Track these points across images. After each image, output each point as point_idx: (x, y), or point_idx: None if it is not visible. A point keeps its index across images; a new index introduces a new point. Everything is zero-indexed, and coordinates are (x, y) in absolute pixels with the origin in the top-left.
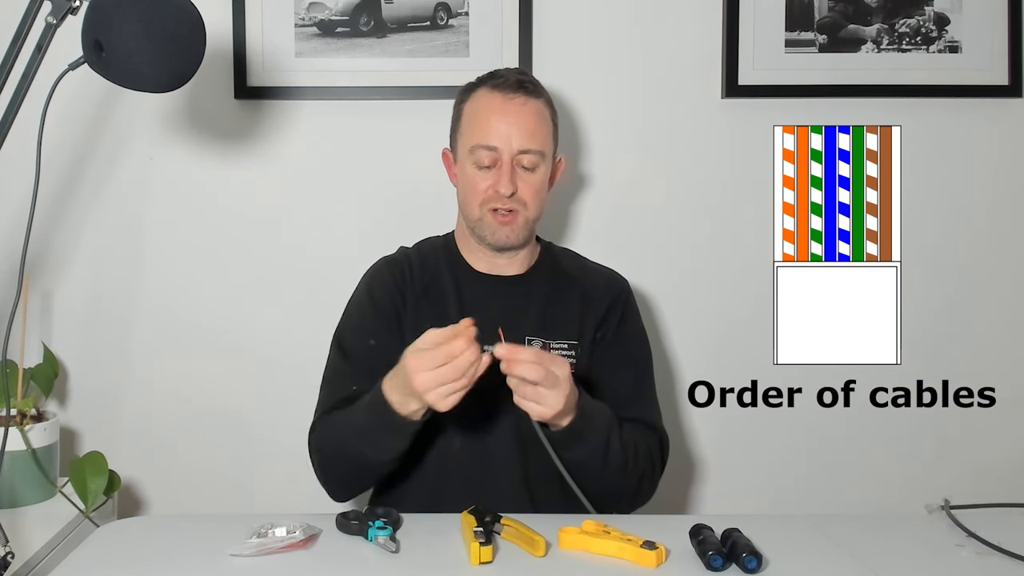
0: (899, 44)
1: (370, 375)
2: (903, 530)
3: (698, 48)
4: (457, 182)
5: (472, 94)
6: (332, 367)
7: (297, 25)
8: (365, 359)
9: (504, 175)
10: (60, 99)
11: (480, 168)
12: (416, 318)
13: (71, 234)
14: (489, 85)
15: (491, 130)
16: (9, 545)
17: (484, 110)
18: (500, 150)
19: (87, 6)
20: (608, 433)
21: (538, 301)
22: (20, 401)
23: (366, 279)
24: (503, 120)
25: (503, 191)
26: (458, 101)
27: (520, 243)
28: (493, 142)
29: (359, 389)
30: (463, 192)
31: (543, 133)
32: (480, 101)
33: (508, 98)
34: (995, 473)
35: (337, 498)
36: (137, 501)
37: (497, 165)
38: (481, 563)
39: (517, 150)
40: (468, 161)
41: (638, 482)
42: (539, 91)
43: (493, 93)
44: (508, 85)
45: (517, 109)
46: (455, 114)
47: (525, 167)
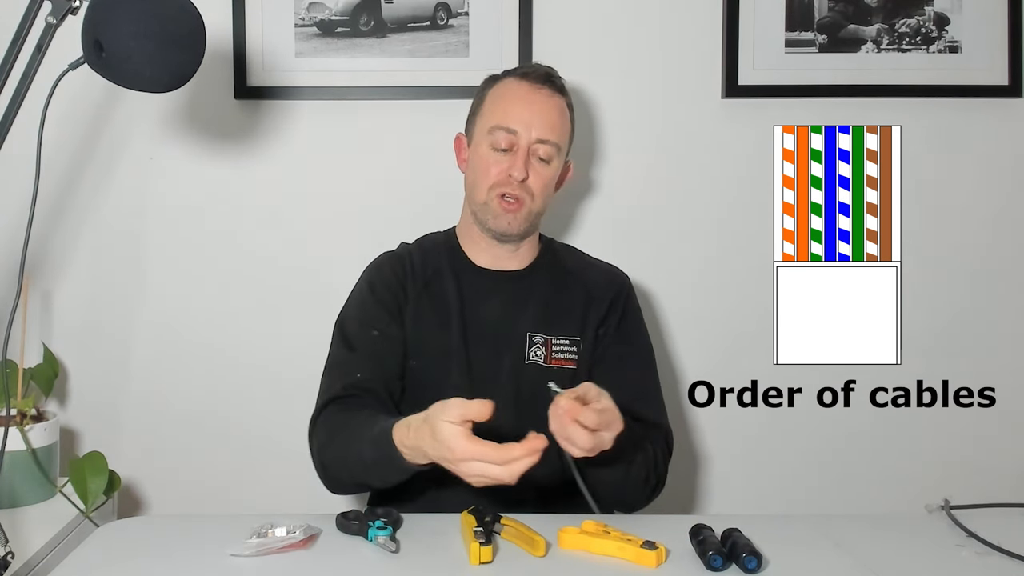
0: (899, 44)
1: (374, 362)
2: (903, 530)
3: (698, 48)
4: (467, 166)
5: (499, 81)
6: (334, 356)
7: (297, 25)
8: (368, 347)
9: (519, 159)
10: (60, 99)
11: (496, 150)
12: (417, 312)
13: (71, 234)
14: (518, 74)
15: (514, 114)
16: (9, 545)
17: (510, 95)
18: (519, 134)
19: (87, 6)
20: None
21: (540, 296)
22: (20, 401)
23: (368, 272)
24: (527, 107)
25: (516, 175)
26: (481, 88)
27: (520, 233)
28: (514, 125)
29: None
30: (473, 174)
31: (562, 128)
32: (507, 87)
33: (535, 88)
34: (995, 473)
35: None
36: (137, 501)
37: (513, 149)
38: (481, 563)
39: (536, 138)
40: (485, 142)
41: (653, 488)
42: (565, 91)
43: (521, 82)
44: (537, 76)
45: (542, 100)
46: (477, 100)
47: (540, 157)
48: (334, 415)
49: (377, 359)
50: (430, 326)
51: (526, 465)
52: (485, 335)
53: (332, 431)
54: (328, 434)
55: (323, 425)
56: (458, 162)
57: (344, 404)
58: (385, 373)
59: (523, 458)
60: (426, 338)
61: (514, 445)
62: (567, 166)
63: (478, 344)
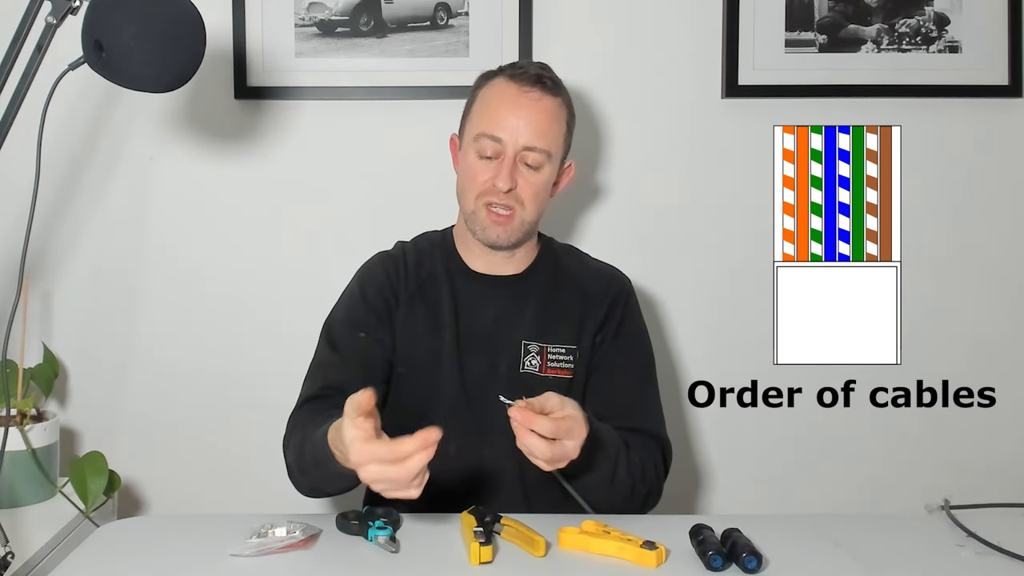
0: (899, 44)
1: (358, 366)
2: (903, 530)
3: (698, 48)
4: (458, 170)
5: (489, 81)
6: (318, 357)
7: (297, 25)
8: (353, 351)
9: (504, 169)
10: (60, 99)
11: (481, 158)
12: (408, 316)
13: (71, 234)
14: (508, 75)
15: (499, 120)
16: (9, 545)
17: (496, 99)
18: (505, 143)
19: (87, 6)
20: (615, 462)
21: (536, 303)
22: (20, 401)
23: (359, 274)
24: (514, 112)
25: (500, 186)
26: (475, 87)
27: (512, 245)
28: (499, 133)
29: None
30: (461, 181)
31: (553, 133)
32: (495, 89)
33: (523, 91)
34: (995, 473)
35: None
36: (137, 501)
37: (500, 158)
38: (481, 563)
39: (523, 146)
40: (471, 149)
41: (644, 500)
42: (558, 89)
43: (509, 83)
44: (526, 78)
45: (530, 104)
46: (469, 99)
47: (529, 165)
48: (302, 416)
49: (361, 362)
50: (422, 332)
51: (421, 462)
52: (479, 342)
53: (293, 431)
54: (290, 433)
55: (290, 426)
56: (453, 163)
57: (317, 405)
58: (368, 377)
59: (415, 453)
60: (418, 344)
61: (405, 439)
62: (568, 167)
63: (471, 351)
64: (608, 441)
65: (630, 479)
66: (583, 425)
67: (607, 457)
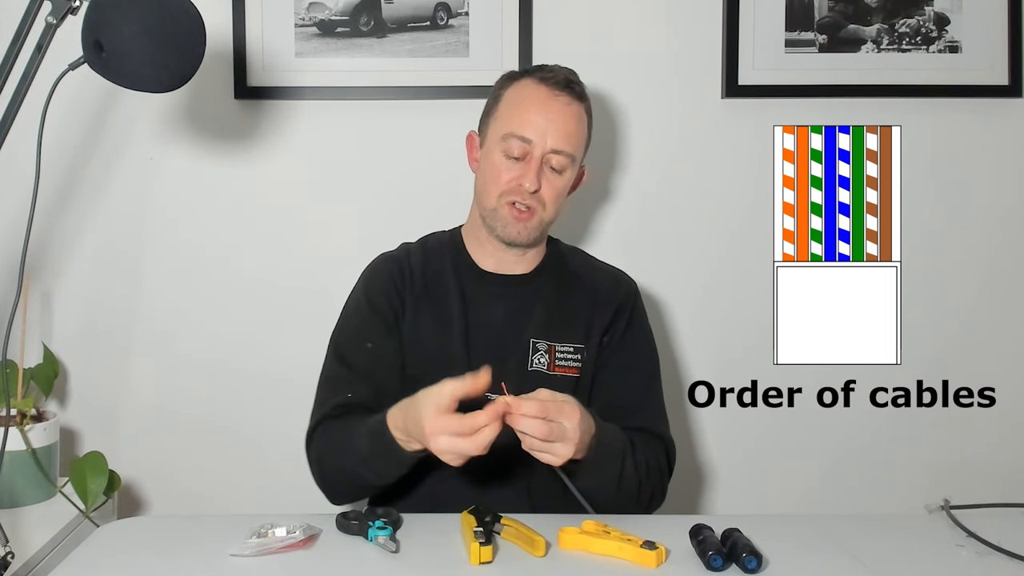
0: (899, 44)
1: (367, 379)
2: (903, 530)
3: (698, 48)
4: (479, 168)
5: (517, 82)
6: (328, 371)
7: (297, 25)
8: (362, 363)
9: (532, 170)
10: (60, 99)
11: (508, 158)
12: (416, 318)
13: (71, 234)
14: (537, 77)
15: (529, 122)
16: (9, 545)
17: (527, 100)
18: (534, 144)
19: (87, 6)
20: (622, 461)
21: (544, 302)
22: (20, 401)
23: (363, 279)
24: (544, 115)
25: (527, 186)
26: (499, 86)
27: (531, 242)
28: (529, 134)
29: (354, 397)
30: (483, 179)
31: (578, 138)
32: (524, 91)
33: (554, 94)
34: (995, 473)
35: (335, 504)
36: (137, 501)
37: (526, 158)
38: (481, 563)
39: (550, 148)
40: (497, 148)
41: (649, 499)
42: (584, 96)
43: (540, 86)
44: (556, 82)
45: (560, 107)
46: (493, 98)
47: (553, 167)
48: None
49: (370, 375)
50: (429, 332)
51: (491, 434)
52: (488, 341)
53: (328, 439)
54: (325, 443)
55: (320, 438)
56: (469, 161)
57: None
58: (378, 388)
59: (487, 425)
60: (426, 344)
61: (477, 413)
62: (581, 171)
63: (480, 350)
64: (615, 441)
65: (636, 478)
66: (576, 408)
67: (614, 457)
